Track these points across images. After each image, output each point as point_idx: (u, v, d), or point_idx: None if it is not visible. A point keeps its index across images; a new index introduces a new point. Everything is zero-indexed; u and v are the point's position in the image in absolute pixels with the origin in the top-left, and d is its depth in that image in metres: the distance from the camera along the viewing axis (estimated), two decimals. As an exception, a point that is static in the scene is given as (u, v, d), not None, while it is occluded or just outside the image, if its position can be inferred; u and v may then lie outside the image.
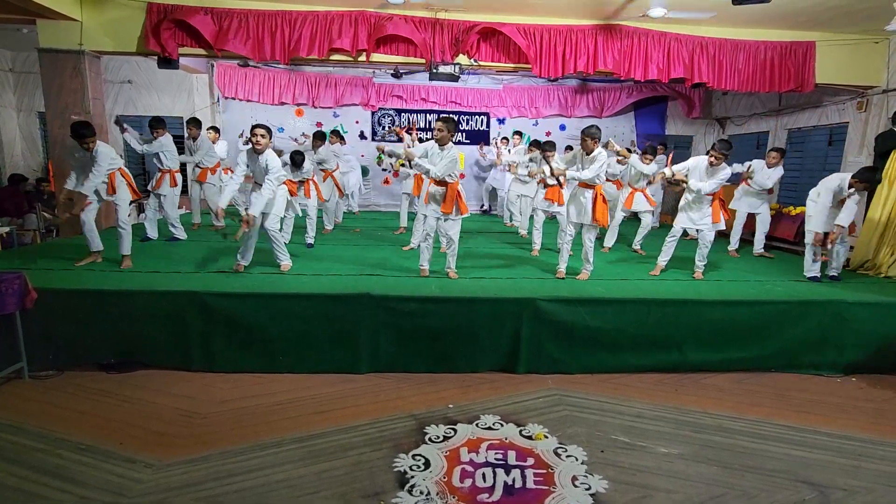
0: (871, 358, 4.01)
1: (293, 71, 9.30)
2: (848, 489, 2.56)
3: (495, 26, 6.07)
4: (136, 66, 8.54)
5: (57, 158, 6.27)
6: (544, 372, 3.78)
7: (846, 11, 5.61)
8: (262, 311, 3.64)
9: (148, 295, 3.62)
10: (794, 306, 3.97)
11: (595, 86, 9.81)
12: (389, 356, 3.74)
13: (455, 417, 3.12)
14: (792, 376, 3.94)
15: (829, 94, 7.13)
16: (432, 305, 3.71)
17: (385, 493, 2.40)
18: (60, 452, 2.66)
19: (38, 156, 9.01)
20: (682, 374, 3.86)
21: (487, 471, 2.59)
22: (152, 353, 3.66)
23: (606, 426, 3.08)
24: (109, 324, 3.59)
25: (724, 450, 2.87)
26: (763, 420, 3.23)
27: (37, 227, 6.82)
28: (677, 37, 6.27)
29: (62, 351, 3.59)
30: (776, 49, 6.41)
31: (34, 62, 6.98)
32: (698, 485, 2.55)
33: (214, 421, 3.03)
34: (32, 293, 3.40)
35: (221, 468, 2.56)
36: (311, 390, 3.44)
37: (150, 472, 2.51)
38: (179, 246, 5.49)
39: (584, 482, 2.52)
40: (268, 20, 5.92)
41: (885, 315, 3.99)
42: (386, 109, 9.81)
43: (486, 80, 9.70)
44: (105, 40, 6.03)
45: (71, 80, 6.06)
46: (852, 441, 3.02)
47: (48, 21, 5.85)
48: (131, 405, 3.19)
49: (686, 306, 3.87)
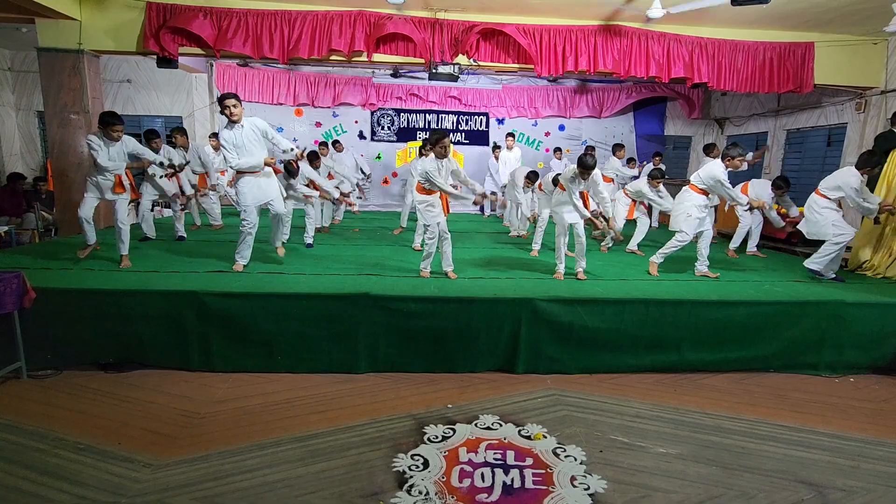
0: (870, 358, 4.02)
1: (292, 71, 9.30)
2: (846, 489, 2.56)
3: (495, 26, 6.08)
4: (135, 66, 8.55)
5: (55, 158, 6.27)
6: (543, 372, 3.78)
7: (845, 13, 5.63)
8: (260, 311, 3.63)
9: (146, 295, 3.61)
10: (792, 307, 3.98)
11: (594, 86, 9.82)
12: (388, 356, 3.74)
13: (454, 417, 3.12)
14: (790, 376, 3.94)
15: (828, 95, 7.15)
16: (431, 305, 3.71)
17: (384, 493, 2.40)
18: (58, 452, 2.65)
19: (37, 155, 9.00)
20: (681, 375, 3.87)
21: (486, 471, 2.59)
22: (150, 352, 3.66)
23: (605, 426, 3.08)
24: (108, 323, 3.58)
25: (723, 450, 2.87)
26: (761, 420, 3.23)
27: (35, 226, 6.82)
28: (677, 37, 6.28)
29: (60, 350, 3.58)
30: (775, 50, 6.43)
31: (33, 61, 7.00)
32: (697, 485, 2.55)
33: (213, 420, 3.03)
34: (31, 292, 3.39)
35: (220, 468, 2.56)
36: (310, 390, 3.44)
37: (148, 472, 2.51)
38: (181, 245, 5.49)
39: (583, 482, 2.52)
40: (267, 19, 5.92)
41: (883, 315, 4.00)
42: (385, 109, 9.83)
43: (486, 80, 9.72)
44: (104, 40, 6.03)
45: (70, 80, 6.06)
46: (850, 441, 3.02)
47: (47, 20, 5.85)
48: (129, 405, 3.18)
49: (684, 306, 3.87)
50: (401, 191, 9.47)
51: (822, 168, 7.44)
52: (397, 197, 9.99)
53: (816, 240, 4.80)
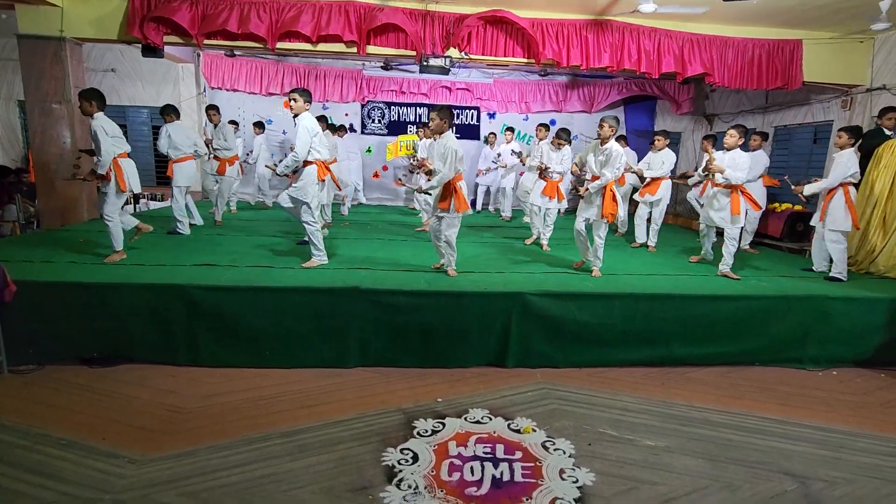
0: (853, 352, 4.09)
1: (281, 62, 9.17)
2: (829, 480, 2.61)
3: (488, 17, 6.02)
4: (120, 55, 8.36)
5: (37, 149, 6.12)
6: (533, 366, 3.79)
7: (832, 10, 5.67)
8: (248, 305, 3.59)
9: (131, 288, 3.55)
10: (778, 301, 4.03)
11: (585, 80, 9.82)
12: (378, 350, 3.72)
13: (444, 411, 3.12)
14: (776, 370, 4.00)
15: (815, 93, 7.22)
16: (421, 299, 3.70)
17: (373, 487, 2.39)
18: (41, 448, 2.61)
19: (18, 145, 8.78)
20: (669, 368, 3.90)
21: (476, 464, 2.60)
22: (136, 347, 3.60)
23: (594, 419, 3.10)
24: (92, 317, 3.52)
25: (710, 442, 2.91)
26: (747, 413, 3.27)
27: (16, 218, 6.66)
28: (668, 33, 6.29)
29: (43, 345, 3.51)
30: (764, 47, 6.47)
31: (13, 48, 6.79)
32: (684, 477, 2.58)
33: (199, 416, 2.99)
34: (11, 286, 3.32)
35: (207, 463, 2.53)
36: (299, 384, 3.42)
37: (133, 468, 2.47)
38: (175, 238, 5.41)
39: (572, 475, 2.54)
40: (255, 7, 5.81)
41: (866, 310, 4.07)
42: (375, 102, 9.73)
43: (477, 73, 9.66)
44: (87, 27, 5.89)
45: (51, 68, 5.90)
46: (833, 433, 3.08)
47: (28, 6, 5.69)
48: (114, 400, 3.13)
49: (673, 301, 3.91)
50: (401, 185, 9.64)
51: (808, 165, 7.52)
52: (387, 191, 9.95)
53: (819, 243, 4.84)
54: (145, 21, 5.68)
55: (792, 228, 6.77)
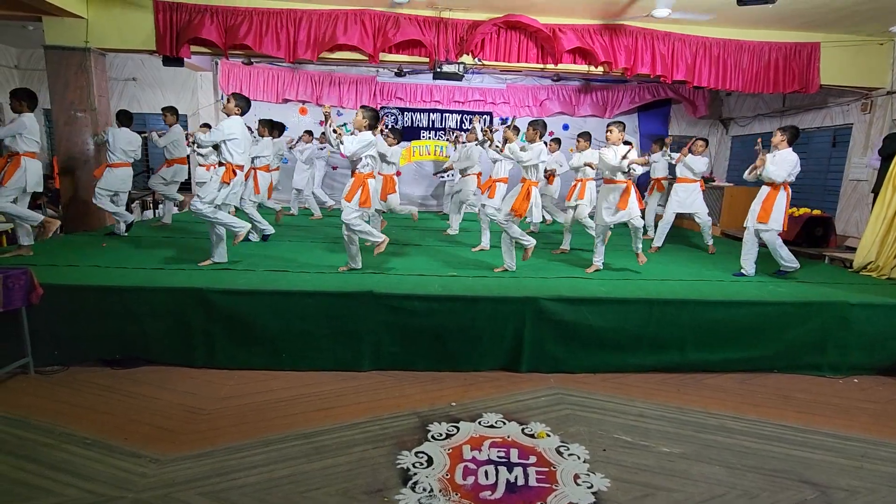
0: (874, 359, 4.01)
1: (297, 69, 9.32)
2: (850, 489, 2.56)
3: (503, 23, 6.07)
4: (141, 64, 8.57)
5: (62, 155, 6.30)
6: (546, 371, 3.78)
7: (851, 13, 5.60)
8: (264, 308, 3.65)
9: (151, 291, 3.63)
10: (796, 307, 3.97)
11: (598, 85, 9.81)
12: (392, 354, 3.75)
13: (458, 415, 3.13)
14: (794, 377, 3.94)
15: (834, 96, 7.12)
16: (435, 304, 3.72)
17: (388, 490, 2.41)
18: (66, 447, 2.68)
19: (44, 152, 9.03)
20: (685, 374, 3.87)
21: (490, 468, 2.60)
22: (156, 349, 3.68)
23: (608, 425, 3.09)
24: (114, 320, 3.60)
25: (726, 449, 2.88)
26: (765, 420, 3.23)
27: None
28: (682, 37, 6.28)
29: (67, 347, 3.61)
30: (780, 50, 6.41)
31: (40, 59, 7.02)
32: (700, 484, 2.56)
33: (218, 417, 3.05)
34: (38, 289, 3.41)
35: (225, 463, 2.58)
36: (314, 387, 3.46)
37: (154, 467, 2.53)
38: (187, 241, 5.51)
39: (586, 480, 2.53)
40: (273, 18, 5.94)
41: (887, 316, 3.99)
42: (389, 108, 9.82)
43: (490, 79, 9.71)
44: (111, 38, 6.07)
45: (76, 77, 6.09)
46: (854, 442, 3.02)
47: (54, 18, 5.89)
48: (136, 401, 3.21)
49: (688, 306, 3.87)
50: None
51: (827, 169, 7.41)
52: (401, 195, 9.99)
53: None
54: (179, 43, 5.86)
55: (809, 233, 6.66)
